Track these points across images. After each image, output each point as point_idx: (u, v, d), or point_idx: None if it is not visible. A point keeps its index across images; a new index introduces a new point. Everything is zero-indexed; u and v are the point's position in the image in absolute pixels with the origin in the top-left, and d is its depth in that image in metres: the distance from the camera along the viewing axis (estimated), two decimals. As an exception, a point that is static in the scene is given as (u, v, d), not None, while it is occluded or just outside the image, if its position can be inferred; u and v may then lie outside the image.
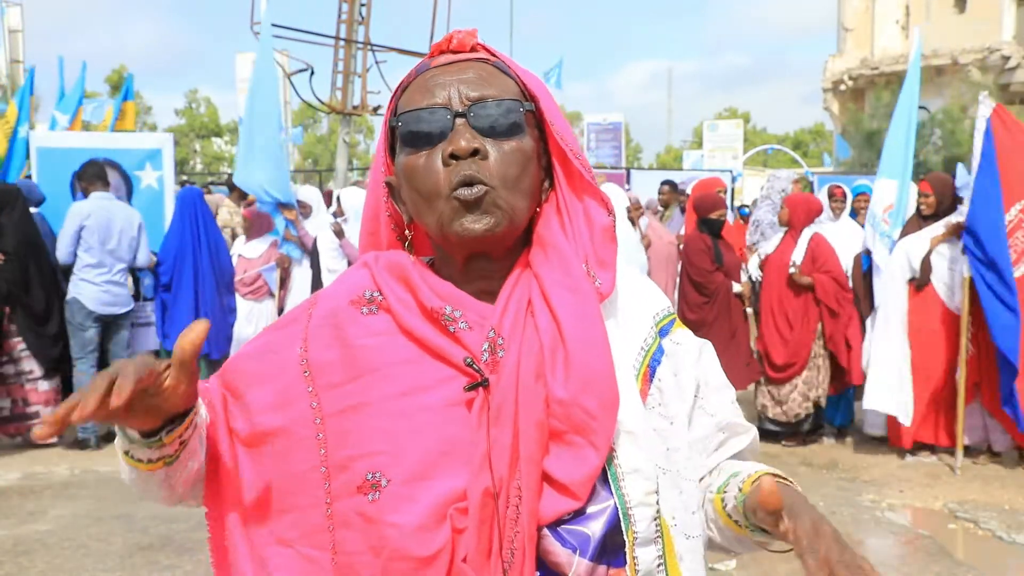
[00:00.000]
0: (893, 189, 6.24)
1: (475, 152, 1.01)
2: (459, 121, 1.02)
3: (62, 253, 6.00)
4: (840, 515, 4.89)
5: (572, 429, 0.98)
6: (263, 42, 7.44)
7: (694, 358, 1.14)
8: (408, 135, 1.05)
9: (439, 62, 1.07)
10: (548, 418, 0.99)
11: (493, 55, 1.10)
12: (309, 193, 7.81)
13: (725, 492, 1.08)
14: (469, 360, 1.01)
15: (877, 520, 4.86)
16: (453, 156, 1.00)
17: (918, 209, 6.06)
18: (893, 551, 4.46)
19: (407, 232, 1.12)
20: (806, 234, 6.27)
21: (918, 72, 6.35)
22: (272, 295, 7.39)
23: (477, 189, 1.00)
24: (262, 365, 1.10)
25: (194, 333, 0.92)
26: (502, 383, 0.99)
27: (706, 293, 6.29)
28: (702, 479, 1.14)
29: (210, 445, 1.09)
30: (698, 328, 5.94)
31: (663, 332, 1.12)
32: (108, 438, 6.27)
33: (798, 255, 6.22)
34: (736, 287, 6.37)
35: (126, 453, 1.02)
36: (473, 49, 1.09)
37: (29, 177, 7.34)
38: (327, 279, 6.65)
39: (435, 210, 1.02)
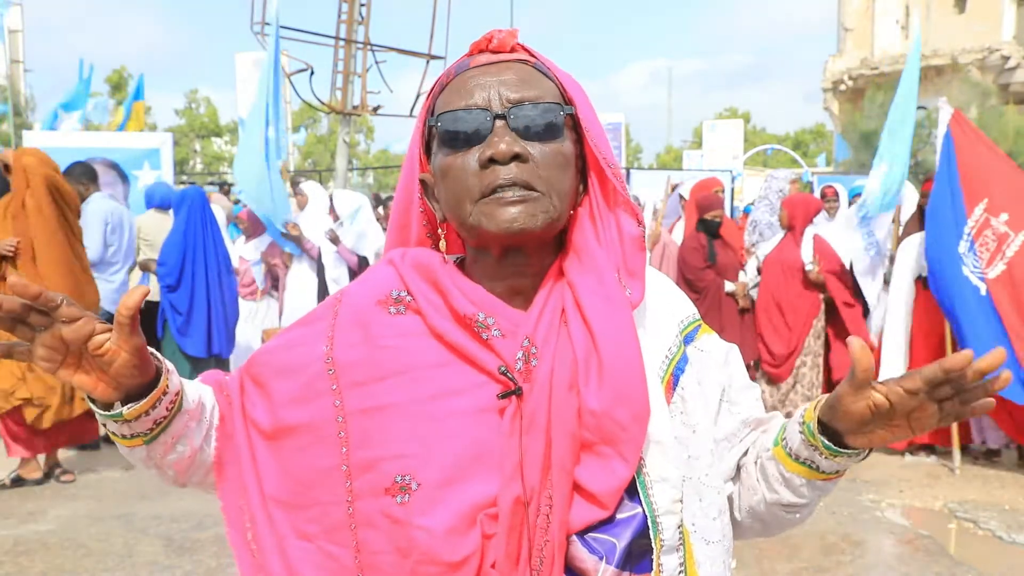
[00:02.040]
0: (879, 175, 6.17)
1: (516, 156, 1.00)
2: (499, 123, 1.02)
3: (97, 253, 5.96)
4: (840, 515, 4.89)
5: (602, 440, 0.99)
6: (269, 50, 7.42)
7: (720, 363, 1.15)
8: (447, 135, 1.04)
9: (479, 62, 1.07)
10: (579, 429, 0.99)
11: (533, 56, 1.09)
12: (310, 187, 7.81)
13: (785, 439, 1.07)
14: (503, 369, 1.01)
15: (877, 520, 4.86)
16: (492, 160, 1.00)
17: (921, 208, 6.06)
18: (893, 551, 4.46)
19: (440, 231, 1.13)
20: (809, 232, 6.28)
21: (918, 62, 6.32)
22: (271, 295, 7.40)
23: (523, 193, 1.00)
24: (287, 359, 1.11)
25: (132, 298, 0.94)
26: (535, 392, 0.99)
27: (696, 290, 6.37)
28: (744, 455, 1.15)
29: (227, 435, 1.10)
30: None
31: (688, 339, 1.13)
32: (108, 440, 6.26)
33: (807, 254, 6.24)
34: (728, 286, 6.38)
35: (103, 426, 1.04)
36: (513, 49, 1.08)
37: None
38: (331, 289, 6.66)
39: (471, 211, 1.02)
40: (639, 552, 1.00)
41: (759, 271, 6.51)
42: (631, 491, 1.00)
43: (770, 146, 37.33)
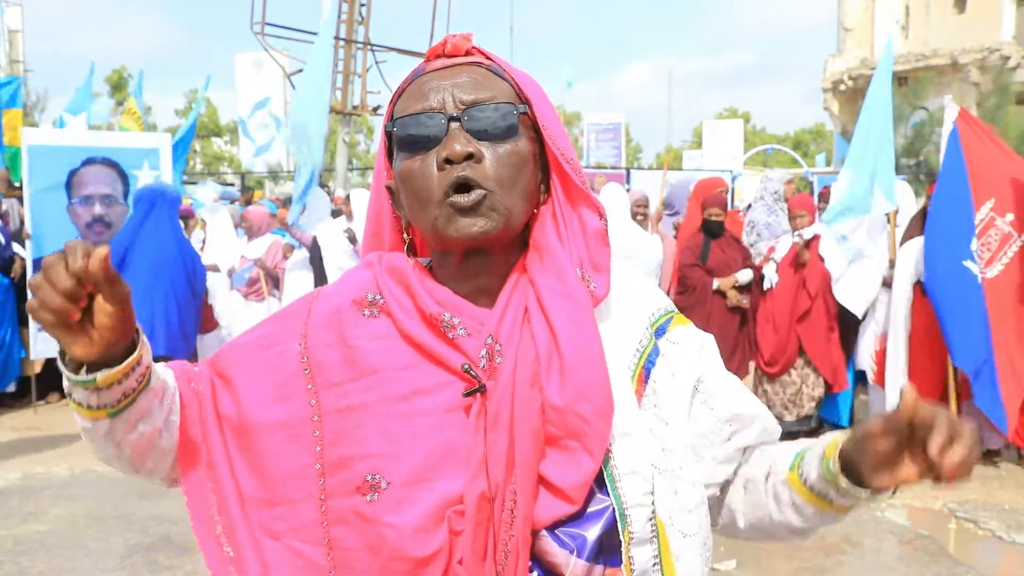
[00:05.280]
0: (846, 181, 6.11)
1: (469, 156, 1.02)
2: (453, 125, 1.03)
3: None
4: (840, 515, 4.89)
5: (567, 434, 1.00)
6: (320, 44, 7.99)
7: (695, 353, 1.15)
8: (403, 140, 1.06)
9: (434, 66, 1.09)
10: (544, 424, 1.01)
11: (488, 58, 1.11)
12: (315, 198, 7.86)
13: (801, 468, 1.07)
14: (467, 366, 1.02)
15: (877, 520, 4.86)
16: (448, 160, 1.02)
17: (924, 210, 6.05)
18: (893, 551, 4.46)
19: (406, 236, 1.14)
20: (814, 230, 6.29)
21: (890, 67, 6.27)
22: (274, 296, 7.40)
23: (475, 195, 1.02)
24: (260, 356, 1.11)
25: (101, 250, 0.91)
26: (499, 389, 1.01)
27: (683, 286, 6.42)
28: (738, 468, 1.14)
29: (191, 427, 1.10)
30: None
31: (659, 332, 1.13)
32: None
33: (809, 232, 6.24)
34: (716, 282, 6.33)
35: (69, 396, 1.01)
36: (468, 53, 1.10)
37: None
38: (334, 276, 6.66)
39: (430, 214, 1.04)
40: (612, 545, 1.01)
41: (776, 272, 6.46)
42: (601, 484, 1.01)
43: (770, 146, 37.32)
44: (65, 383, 1.01)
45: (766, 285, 6.44)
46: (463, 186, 1.02)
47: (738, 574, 4.09)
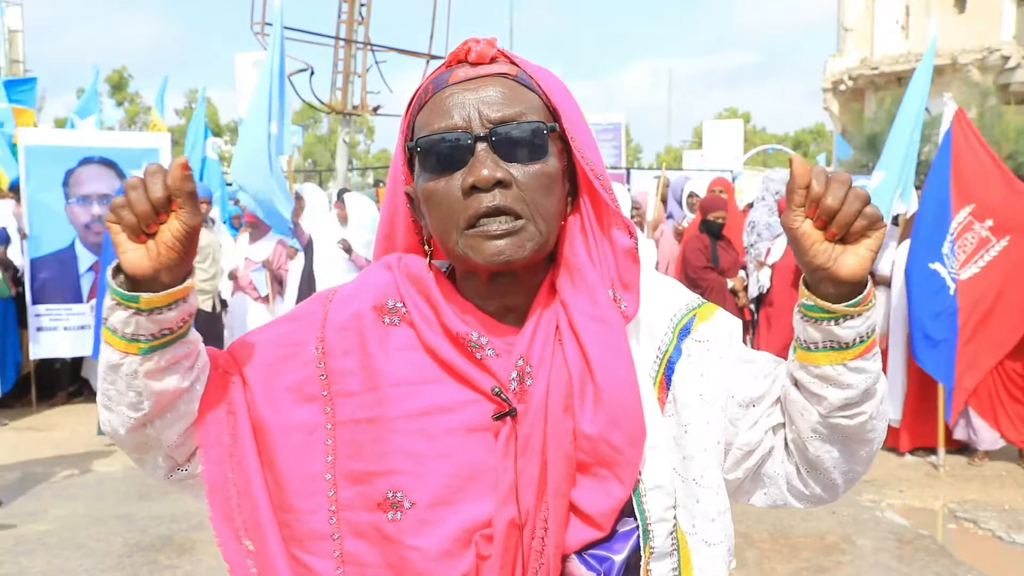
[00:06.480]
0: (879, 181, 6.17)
1: (498, 183, 0.97)
2: (480, 146, 0.98)
3: None
4: (840, 515, 4.89)
5: (598, 462, 0.98)
6: (273, 46, 7.48)
7: (724, 344, 1.07)
8: (427, 159, 1.00)
9: (457, 77, 1.02)
10: (575, 451, 0.98)
11: (515, 64, 1.04)
12: (309, 191, 7.86)
13: (797, 340, 1.00)
14: (497, 389, 0.99)
15: (877, 520, 4.86)
16: (475, 187, 0.97)
17: None
18: (893, 551, 4.46)
19: (427, 248, 1.09)
20: None
21: (931, 67, 6.30)
22: (281, 297, 7.40)
23: (507, 225, 0.97)
24: (274, 355, 1.08)
25: (182, 159, 0.93)
26: (531, 414, 0.98)
27: (697, 289, 6.37)
28: (776, 401, 1.06)
29: (220, 413, 1.05)
30: None
31: (683, 333, 1.06)
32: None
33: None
34: (730, 283, 6.40)
35: (104, 322, 0.98)
36: (493, 59, 1.03)
37: None
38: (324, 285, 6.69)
39: (455, 239, 0.99)
40: (637, 564, 1.00)
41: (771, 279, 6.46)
42: (629, 505, 0.99)
43: (770, 146, 37.31)
44: (105, 307, 0.97)
45: (755, 292, 6.45)
46: (494, 213, 0.97)
47: (738, 574, 4.09)
